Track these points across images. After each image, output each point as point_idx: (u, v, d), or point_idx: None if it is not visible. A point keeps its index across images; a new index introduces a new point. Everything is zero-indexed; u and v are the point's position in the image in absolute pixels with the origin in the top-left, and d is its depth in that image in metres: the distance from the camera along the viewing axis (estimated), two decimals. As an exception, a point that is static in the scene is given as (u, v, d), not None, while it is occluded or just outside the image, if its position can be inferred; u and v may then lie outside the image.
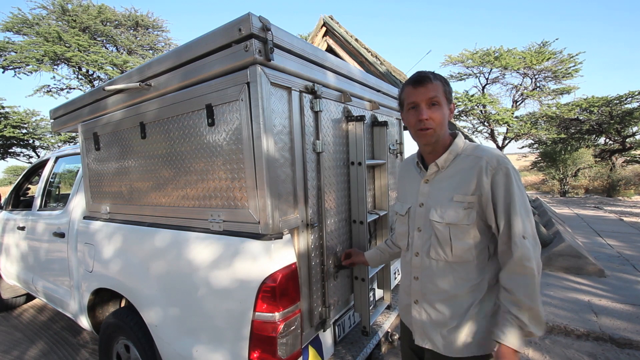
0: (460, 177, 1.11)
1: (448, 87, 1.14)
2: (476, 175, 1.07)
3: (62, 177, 3.15)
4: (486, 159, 1.07)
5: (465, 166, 1.11)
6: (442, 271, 1.14)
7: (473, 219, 1.08)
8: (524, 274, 1.00)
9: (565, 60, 12.93)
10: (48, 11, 10.95)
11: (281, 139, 1.35)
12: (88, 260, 2.05)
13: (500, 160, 1.06)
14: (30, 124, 11.10)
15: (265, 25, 1.20)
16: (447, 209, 1.11)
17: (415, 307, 1.21)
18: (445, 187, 1.14)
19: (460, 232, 1.09)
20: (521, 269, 1.00)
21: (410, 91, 1.13)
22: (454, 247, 1.10)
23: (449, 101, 1.14)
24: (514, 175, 1.05)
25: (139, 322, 1.72)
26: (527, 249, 1.00)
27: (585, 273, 3.99)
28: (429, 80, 1.10)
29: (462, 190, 1.09)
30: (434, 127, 1.11)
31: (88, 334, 3.09)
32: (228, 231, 1.38)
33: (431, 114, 1.10)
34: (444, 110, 1.12)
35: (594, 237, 5.72)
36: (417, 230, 1.21)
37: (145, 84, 1.58)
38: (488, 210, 1.06)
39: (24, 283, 3.00)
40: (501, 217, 1.04)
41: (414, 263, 1.22)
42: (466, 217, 1.08)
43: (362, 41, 6.22)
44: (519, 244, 1.00)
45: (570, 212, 8.36)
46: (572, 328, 2.80)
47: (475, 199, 1.07)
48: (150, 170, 1.70)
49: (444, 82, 1.14)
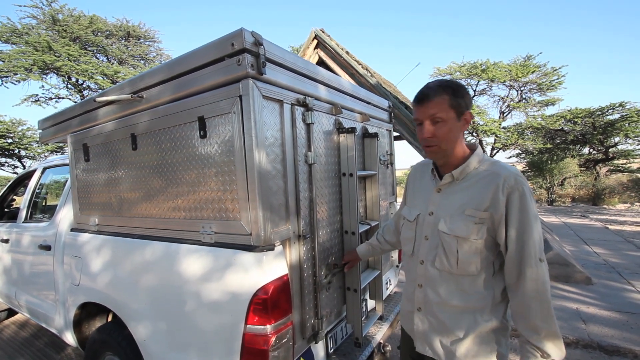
0: (475, 191, 1.09)
1: (458, 98, 1.08)
2: (492, 192, 1.05)
3: (49, 189, 3.09)
4: (504, 176, 1.05)
5: (481, 181, 1.09)
6: (446, 282, 1.13)
7: (483, 235, 1.06)
8: (540, 299, 0.99)
9: (549, 73, 13.36)
10: (38, 21, 10.87)
11: (273, 151, 1.36)
12: (75, 274, 2.00)
13: (518, 180, 1.04)
14: (16, 134, 10.88)
15: (258, 40, 1.23)
16: (457, 221, 1.09)
17: (418, 314, 1.21)
18: (457, 199, 1.12)
19: (468, 245, 1.08)
20: (536, 293, 0.99)
21: (415, 108, 1.13)
22: (460, 260, 1.09)
23: (459, 113, 1.09)
24: (529, 196, 1.03)
25: (127, 337, 1.68)
26: (543, 273, 1.00)
27: (573, 281, 4.05)
28: (429, 97, 1.08)
29: (475, 205, 1.07)
30: (438, 143, 1.10)
31: (73, 350, 2.99)
32: (219, 243, 1.38)
33: (435, 130, 1.09)
34: (450, 125, 1.08)
35: (581, 245, 5.83)
36: (424, 238, 1.20)
37: (137, 96, 1.59)
38: (500, 228, 1.05)
39: (5, 298, 2.91)
40: (513, 238, 1.03)
41: (418, 271, 1.21)
42: (476, 232, 1.06)
43: (353, 54, 6.34)
44: (534, 266, 1.00)
45: (558, 220, 8.51)
46: (562, 336, 2.83)
47: (488, 216, 1.05)
48: (141, 181, 1.69)
49: (452, 93, 1.08)
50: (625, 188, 12.43)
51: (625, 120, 12.12)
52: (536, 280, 0.99)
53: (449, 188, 1.16)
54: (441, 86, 1.09)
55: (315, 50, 6.31)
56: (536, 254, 1.00)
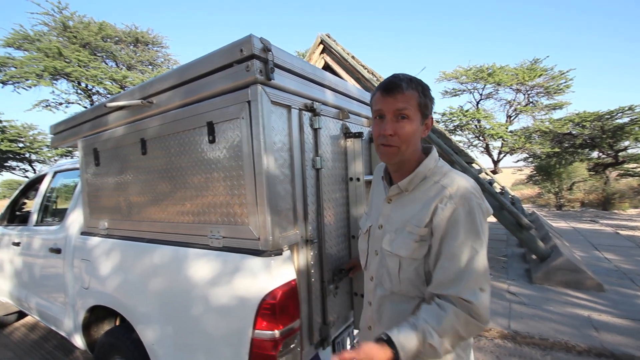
0: (420, 205, 0.95)
1: (426, 98, 0.96)
2: (433, 207, 0.92)
3: (60, 192, 3.13)
4: (450, 190, 0.91)
5: (427, 193, 0.96)
6: (390, 302, 1.03)
7: (422, 254, 0.94)
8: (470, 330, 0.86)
9: (557, 77, 13.24)
10: (49, 27, 11.12)
11: (281, 155, 1.37)
12: (84, 277, 2.02)
13: (466, 196, 0.90)
14: (27, 138, 11.10)
15: (266, 46, 1.24)
16: (399, 238, 0.98)
17: (370, 333, 1.12)
18: (403, 213, 1.00)
19: (408, 265, 0.96)
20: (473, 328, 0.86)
21: (379, 98, 0.98)
22: (402, 281, 0.98)
23: (424, 115, 0.97)
24: (478, 215, 0.89)
25: (135, 341, 1.69)
26: (478, 306, 0.84)
27: (584, 287, 3.98)
28: (401, 89, 0.93)
29: (416, 221, 0.95)
30: (399, 144, 0.95)
31: (81, 353, 3.02)
32: (228, 247, 1.38)
33: (398, 128, 0.94)
34: (415, 125, 0.95)
35: (592, 251, 5.73)
36: (375, 252, 1.09)
37: (148, 101, 1.61)
38: (434, 247, 0.92)
39: (16, 300, 2.94)
40: (445, 258, 0.89)
41: (368, 287, 1.13)
42: (417, 250, 0.94)
43: (359, 58, 6.36)
44: (469, 295, 0.85)
45: (567, 225, 8.39)
46: (573, 344, 2.77)
47: (427, 232, 0.93)
48: (150, 186, 1.71)
49: (421, 91, 0.96)
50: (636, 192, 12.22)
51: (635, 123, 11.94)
52: (469, 311, 0.84)
53: (398, 199, 1.04)
54: (412, 81, 0.96)
55: (321, 55, 6.35)
56: (476, 283, 0.86)
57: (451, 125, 14.52)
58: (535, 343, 2.89)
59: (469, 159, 6.80)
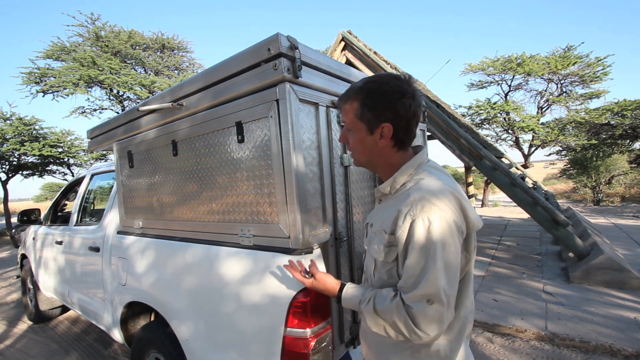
0: (392, 211, 0.92)
1: (368, 109, 0.91)
2: (396, 215, 0.89)
3: (97, 194, 3.30)
4: (412, 199, 0.86)
5: (398, 200, 0.93)
6: None
7: (392, 258, 0.92)
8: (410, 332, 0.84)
9: (593, 64, 12.43)
10: (84, 38, 11.73)
11: (310, 153, 1.36)
12: (121, 274, 2.11)
13: (426, 207, 0.83)
14: (65, 143, 11.76)
15: (293, 44, 1.23)
16: (374, 240, 0.98)
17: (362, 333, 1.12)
18: (382, 216, 0.98)
19: (381, 267, 0.96)
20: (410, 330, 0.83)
21: None
22: (377, 280, 0.98)
23: (370, 125, 0.92)
24: (437, 229, 0.82)
25: (170, 336, 1.74)
26: (422, 314, 0.81)
27: (628, 288, 3.72)
28: (342, 101, 0.97)
29: (386, 227, 0.93)
30: (356, 155, 1.00)
31: (119, 346, 3.17)
32: (258, 246, 1.40)
33: (349, 139, 0.99)
34: (359, 135, 0.95)
35: (636, 249, 5.36)
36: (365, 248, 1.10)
37: (177, 104, 1.65)
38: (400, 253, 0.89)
39: (60, 295, 3.13)
40: (405, 266, 0.87)
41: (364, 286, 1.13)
42: (387, 255, 0.93)
43: (381, 53, 6.26)
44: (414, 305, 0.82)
45: (607, 221, 7.89)
46: (619, 347, 2.60)
47: (394, 239, 0.90)
48: (182, 186, 1.76)
49: (364, 99, 0.92)
50: (685, 186, 11.29)
51: (683, 111, 11.04)
52: (414, 320, 0.82)
53: (385, 200, 1.02)
54: (359, 88, 0.93)
55: (343, 52, 6.31)
56: (424, 295, 0.81)
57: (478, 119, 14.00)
58: (576, 346, 2.74)
59: (498, 153, 6.54)
